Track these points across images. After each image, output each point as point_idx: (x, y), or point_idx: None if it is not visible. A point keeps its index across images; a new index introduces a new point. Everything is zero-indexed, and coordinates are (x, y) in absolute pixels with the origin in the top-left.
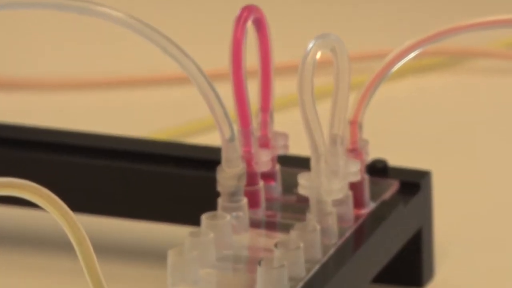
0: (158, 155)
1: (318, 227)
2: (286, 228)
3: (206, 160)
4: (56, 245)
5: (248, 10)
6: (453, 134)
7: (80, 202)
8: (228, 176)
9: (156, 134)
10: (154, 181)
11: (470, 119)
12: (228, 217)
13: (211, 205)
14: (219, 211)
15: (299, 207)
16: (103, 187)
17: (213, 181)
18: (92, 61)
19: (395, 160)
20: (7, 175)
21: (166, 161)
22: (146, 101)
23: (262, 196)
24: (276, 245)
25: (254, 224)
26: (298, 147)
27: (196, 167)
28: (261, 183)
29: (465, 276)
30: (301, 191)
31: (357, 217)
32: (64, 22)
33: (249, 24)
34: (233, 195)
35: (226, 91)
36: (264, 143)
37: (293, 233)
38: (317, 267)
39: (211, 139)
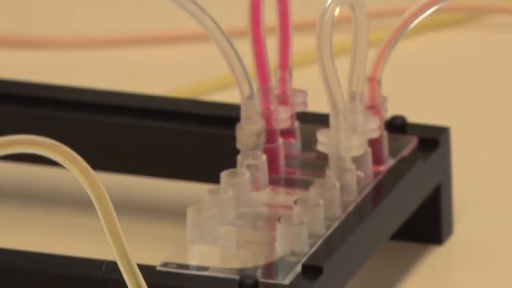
0: (177, 113)
1: (337, 184)
2: (305, 185)
3: (225, 118)
4: (76, 202)
5: None
6: (471, 90)
7: (99, 160)
8: (247, 133)
9: (175, 91)
10: (174, 138)
11: (488, 75)
12: (247, 174)
13: (231, 163)
14: (238, 168)
15: (318, 164)
16: (122, 145)
17: (232, 139)
18: (110, 19)
19: (413, 117)
20: (26, 133)
21: (185, 118)
22: (165, 58)
23: (282, 153)
24: (295, 202)
25: (274, 181)
26: (317, 104)
27: (215, 124)
28: (280, 140)
29: (484, 232)
30: (320, 148)
31: (376, 174)
32: None
33: None
34: (252, 152)
35: (244, 48)
36: (283, 100)
37: (313, 190)
38: (336, 224)
39: (230, 96)
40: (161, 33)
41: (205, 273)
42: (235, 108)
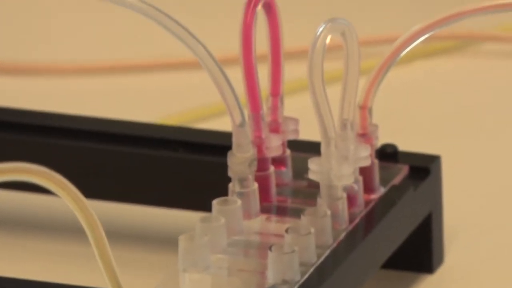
0: (169, 140)
1: (328, 212)
2: (297, 214)
3: (217, 145)
4: (68, 230)
5: None
6: (462, 118)
7: (91, 188)
8: (239, 161)
9: (167, 119)
10: (165, 166)
11: (479, 103)
12: (239, 202)
13: (222, 191)
14: (230, 196)
15: (309, 192)
16: (114, 172)
17: (224, 166)
18: (102, 46)
19: (404, 145)
20: (19, 160)
21: (177, 146)
22: (157, 86)
23: (273, 181)
24: (287, 231)
25: (265, 209)
26: (309, 132)
27: (206, 152)
28: (271, 168)
29: (475, 261)
30: (312, 176)
31: (367, 202)
32: (74, 7)
33: (259, 8)
34: (243, 180)
35: (236, 76)
36: (275, 128)
37: (304, 219)
38: (328, 252)
39: (222, 124)
40: (153, 60)
41: None
42: (227, 136)
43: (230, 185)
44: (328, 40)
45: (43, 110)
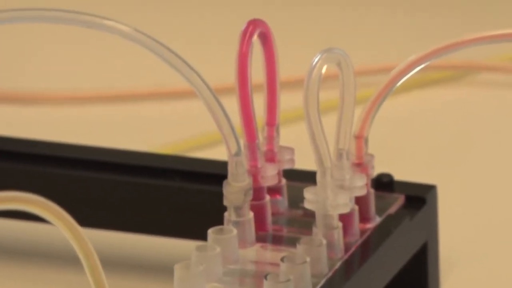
0: (164, 169)
1: (324, 241)
2: (292, 242)
3: (213, 174)
4: (63, 259)
5: (254, 24)
6: (458, 147)
7: (86, 216)
8: (234, 190)
9: (163, 148)
10: (161, 195)
11: (475, 133)
12: (234, 231)
13: (218, 220)
14: (226, 225)
15: (305, 221)
16: (109, 201)
17: (219, 195)
18: (98, 74)
19: (400, 174)
20: (14, 189)
21: (173, 175)
22: (153, 115)
23: (269, 211)
24: (282, 259)
25: (261, 238)
26: (304, 161)
27: (202, 181)
28: (267, 198)
29: None
30: (307, 205)
31: (362, 232)
32: (71, 37)
33: (255, 38)
34: (239, 209)
35: (232, 105)
36: (270, 158)
37: (300, 248)
38: (323, 281)
39: (218, 153)
40: (149, 89)
41: None
42: (223, 165)
43: (226, 214)
44: (324, 70)
45: (39, 138)
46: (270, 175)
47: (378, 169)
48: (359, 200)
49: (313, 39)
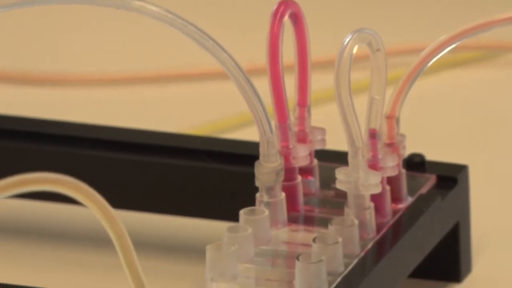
0: (196, 150)
1: (356, 221)
2: (324, 223)
3: (244, 155)
4: (95, 240)
5: (285, 4)
6: (489, 128)
7: (118, 198)
8: (266, 171)
9: (194, 129)
10: (192, 176)
11: (507, 113)
12: (266, 212)
13: (250, 200)
14: (257, 206)
15: (337, 202)
16: (140, 183)
17: (251, 176)
18: (129, 56)
19: (432, 155)
20: (47, 171)
21: (204, 156)
22: (184, 96)
23: (300, 191)
24: (314, 240)
25: (292, 219)
26: (336, 142)
27: (234, 162)
28: (299, 178)
29: (503, 270)
30: (339, 186)
31: (394, 212)
32: (99, 17)
33: (286, 19)
34: (271, 190)
35: (263, 86)
36: (302, 138)
37: (331, 228)
38: (355, 261)
39: (249, 134)
40: (179, 70)
41: None
42: (254, 145)
43: (258, 195)
44: (355, 50)
45: (70, 120)
46: (301, 155)
47: (409, 149)
48: (391, 180)
49: (344, 20)
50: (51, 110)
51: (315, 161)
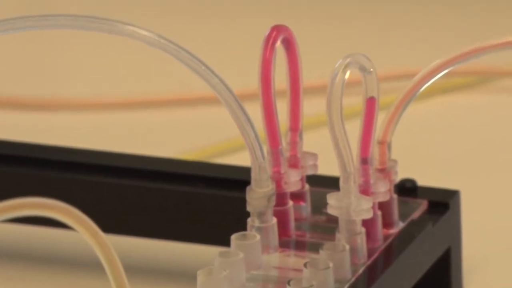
0: (187, 175)
1: (347, 246)
2: (315, 248)
3: (236, 180)
4: (86, 265)
5: (277, 29)
6: (481, 153)
7: (109, 223)
8: (257, 196)
9: (186, 154)
10: (184, 201)
11: (498, 139)
12: (257, 237)
13: (241, 225)
14: (249, 231)
15: (328, 227)
16: (133, 207)
17: (242, 201)
18: (121, 81)
19: (423, 180)
20: (38, 196)
21: (196, 181)
22: (176, 121)
23: (292, 216)
24: (305, 265)
25: (284, 244)
26: (327, 167)
27: (225, 187)
28: (290, 203)
29: None
30: (330, 211)
31: (386, 237)
32: (91, 42)
33: (278, 44)
34: (262, 215)
35: (255, 111)
36: (294, 163)
37: (323, 253)
38: (346, 287)
39: (241, 159)
40: (172, 95)
41: None
42: (246, 170)
43: (249, 219)
44: (347, 75)
45: (62, 145)
46: (293, 180)
47: (401, 174)
48: (382, 206)
49: (336, 45)
50: (41, 135)
51: (307, 186)
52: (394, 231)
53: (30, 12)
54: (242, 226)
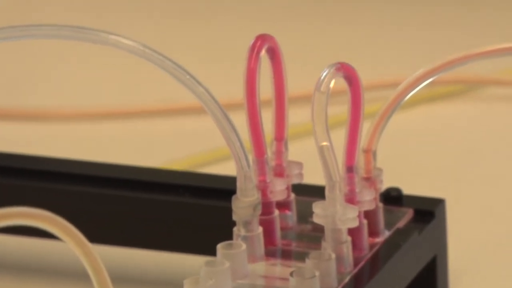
0: (173, 185)
1: (333, 255)
2: (301, 257)
3: (222, 190)
4: (72, 275)
5: (262, 39)
6: (466, 162)
7: (95, 232)
8: (243, 205)
9: (172, 164)
10: (170, 210)
11: (483, 147)
12: (243, 246)
13: (227, 235)
14: (235, 240)
15: (314, 236)
16: (119, 217)
17: (228, 211)
18: (107, 91)
19: (409, 189)
20: (22, 205)
21: (182, 191)
22: (161, 131)
23: (277, 225)
24: (291, 274)
25: (270, 253)
26: (313, 176)
27: (211, 196)
28: (276, 212)
29: None
30: (316, 220)
31: (372, 246)
32: (76, 52)
33: (263, 53)
34: (248, 224)
35: (240, 120)
36: (279, 172)
37: (309, 262)
38: None
39: (226, 168)
40: (156, 105)
41: None
42: (231, 180)
43: (235, 229)
44: (332, 84)
45: (48, 155)
46: (279, 189)
47: (387, 183)
48: (368, 214)
49: (321, 54)
50: (26, 145)
51: (292, 195)
52: (379, 239)
53: (13, 22)
54: (228, 236)
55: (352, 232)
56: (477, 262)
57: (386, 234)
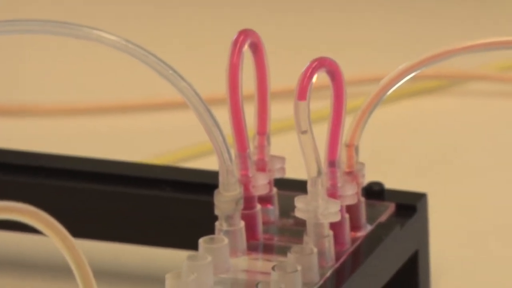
0: (156, 180)
1: (315, 250)
2: (283, 251)
3: (204, 184)
4: (55, 269)
5: (245, 34)
6: (448, 156)
7: (78, 227)
8: (225, 199)
9: (154, 158)
10: (152, 205)
11: (465, 142)
12: (225, 240)
13: (209, 229)
14: (217, 234)
15: (296, 230)
16: (100, 212)
17: (210, 205)
18: (89, 86)
19: (391, 183)
20: (6, 200)
21: (164, 185)
22: (143, 126)
23: (259, 220)
24: (273, 268)
25: (252, 247)
26: (295, 171)
27: (193, 191)
28: (258, 207)
29: None
30: (298, 214)
31: (353, 240)
32: (60, 48)
33: (246, 48)
34: (230, 218)
35: (223, 115)
36: (261, 167)
37: (291, 256)
38: None
39: (208, 163)
40: (139, 100)
41: None
42: (214, 174)
43: (217, 223)
44: (314, 79)
45: (31, 150)
46: (261, 184)
47: (368, 177)
48: (350, 209)
49: (303, 49)
50: (9, 140)
51: (275, 190)
52: (361, 234)
53: None
54: (210, 230)
55: (334, 226)
56: (459, 256)
57: (368, 228)
